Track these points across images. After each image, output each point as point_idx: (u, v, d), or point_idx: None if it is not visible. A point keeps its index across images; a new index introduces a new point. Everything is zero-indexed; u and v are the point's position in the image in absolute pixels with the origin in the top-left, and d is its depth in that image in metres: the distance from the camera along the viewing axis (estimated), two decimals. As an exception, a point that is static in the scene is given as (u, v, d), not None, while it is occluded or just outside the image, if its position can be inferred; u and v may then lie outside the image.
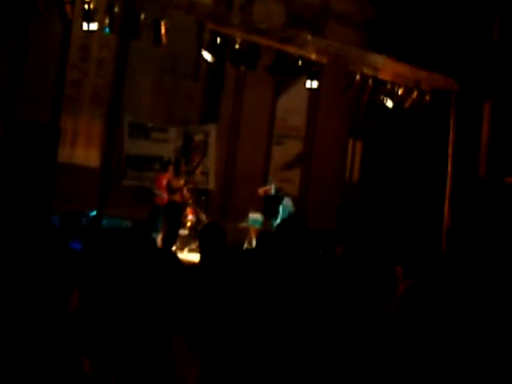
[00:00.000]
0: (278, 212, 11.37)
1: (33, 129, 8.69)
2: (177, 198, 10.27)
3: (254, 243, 10.84)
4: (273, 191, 11.73)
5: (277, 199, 11.60)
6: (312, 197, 13.18)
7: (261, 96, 12.94)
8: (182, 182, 10.45)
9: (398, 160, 12.94)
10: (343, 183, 13.98)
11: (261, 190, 11.80)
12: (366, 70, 11.19)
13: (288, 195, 11.70)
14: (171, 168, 10.56)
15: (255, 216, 11.41)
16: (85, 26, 9.09)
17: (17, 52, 10.48)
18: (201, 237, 3.88)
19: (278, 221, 11.26)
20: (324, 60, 10.72)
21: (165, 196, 10.17)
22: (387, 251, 5.30)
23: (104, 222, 6.54)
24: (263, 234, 6.24)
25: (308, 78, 10.80)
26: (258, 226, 11.19)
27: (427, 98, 11.58)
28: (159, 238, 8.83)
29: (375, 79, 11.31)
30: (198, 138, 12.73)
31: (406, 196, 12.44)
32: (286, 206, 11.37)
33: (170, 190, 10.26)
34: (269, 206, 11.63)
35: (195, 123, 12.88)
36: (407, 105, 11.56)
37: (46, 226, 4.75)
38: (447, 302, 3.10)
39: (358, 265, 3.62)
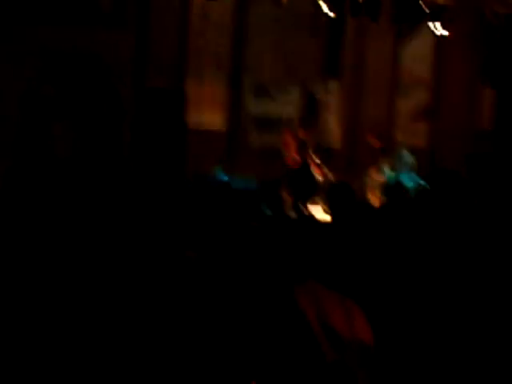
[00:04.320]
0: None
1: (162, 95, 9.00)
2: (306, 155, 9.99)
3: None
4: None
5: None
6: (442, 148, 12.65)
7: (383, 47, 12.48)
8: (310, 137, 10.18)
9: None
10: (474, 132, 13.27)
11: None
12: (496, 8, 10.46)
13: (416, 148, 11.25)
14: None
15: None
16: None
17: (141, 23, 10.87)
18: (330, 197, 3.86)
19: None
20: (451, 2, 10.14)
21: (293, 155, 9.94)
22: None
23: (233, 183, 6.70)
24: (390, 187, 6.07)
25: (434, 24, 10.27)
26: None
27: None
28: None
29: (508, 16, 10.55)
30: (321, 95, 12.59)
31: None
32: (404, 159, 10.87)
33: (302, 145, 9.96)
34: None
35: (316, 81, 12.72)
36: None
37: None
38: None
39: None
